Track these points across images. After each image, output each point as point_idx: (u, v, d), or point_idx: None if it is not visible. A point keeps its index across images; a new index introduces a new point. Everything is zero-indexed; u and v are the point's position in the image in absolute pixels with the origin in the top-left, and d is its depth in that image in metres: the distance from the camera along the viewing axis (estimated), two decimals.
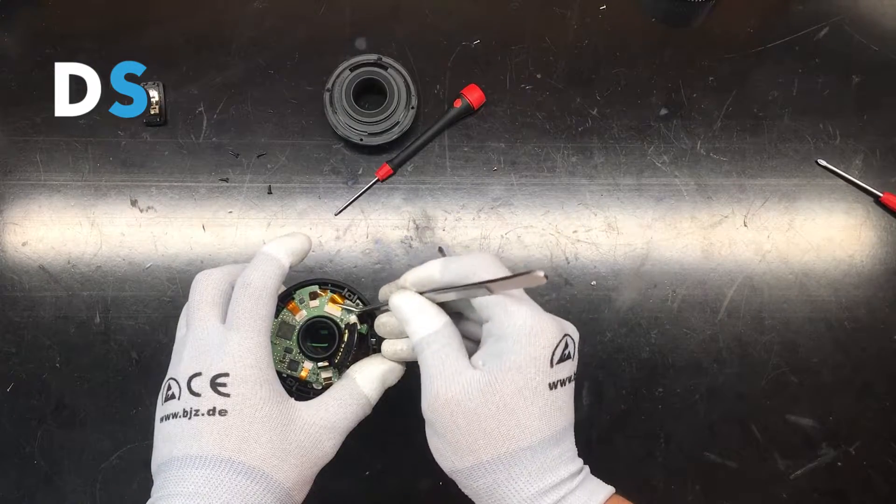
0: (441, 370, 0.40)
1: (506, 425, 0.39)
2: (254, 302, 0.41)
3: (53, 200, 0.65)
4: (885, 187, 0.65)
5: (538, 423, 0.39)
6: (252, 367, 0.40)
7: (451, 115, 0.65)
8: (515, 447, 0.39)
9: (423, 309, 0.42)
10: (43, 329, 0.63)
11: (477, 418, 0.39)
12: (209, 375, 0.40)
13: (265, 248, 0.44)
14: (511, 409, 0.39)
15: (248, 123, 0.66)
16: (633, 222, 0.65)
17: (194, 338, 0.41)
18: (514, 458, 0.39)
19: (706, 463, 0.62)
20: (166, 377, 0.42)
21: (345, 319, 0.49)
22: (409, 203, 0.65)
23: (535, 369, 0.39)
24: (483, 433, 0.39)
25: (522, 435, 0.39)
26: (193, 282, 0.44)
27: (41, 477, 0.61)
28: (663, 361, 0.63)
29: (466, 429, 0.39)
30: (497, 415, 0.39)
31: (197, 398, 0.39)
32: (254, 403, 0.39)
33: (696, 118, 0.66)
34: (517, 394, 0.39)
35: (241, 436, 0.39)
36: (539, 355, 0.39)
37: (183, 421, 0.39)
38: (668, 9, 0.68)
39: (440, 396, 0.40)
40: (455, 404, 0.39)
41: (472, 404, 0.39)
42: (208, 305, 0.43)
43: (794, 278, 0.64)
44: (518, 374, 0.39)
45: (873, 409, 0.62)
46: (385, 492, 0.61)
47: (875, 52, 0.67)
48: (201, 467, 0.38)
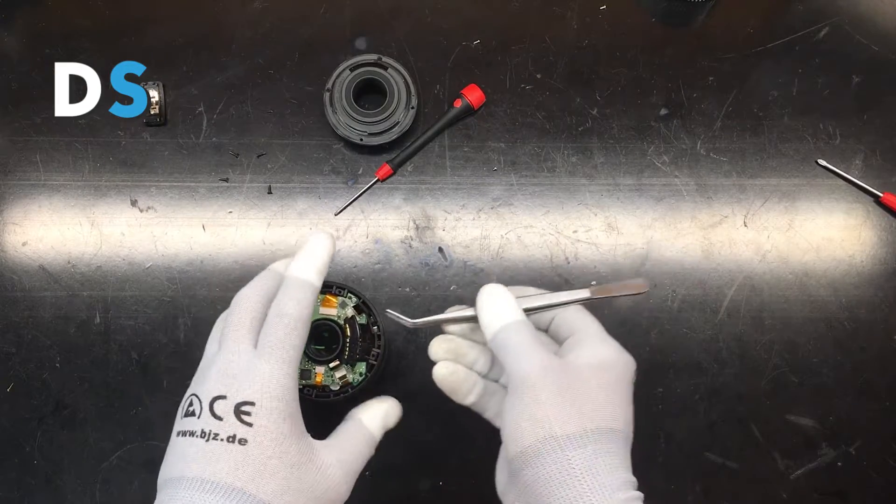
0: (542, 346, 0.42)
1: (613, 402, 0.40)
2: (288, 332, 0.41)
3: (53, 200, 0.65)
4: (885, 187, 0.65)
5: (628, 417, 0.41)
6: (279, 399, 0.39)
7: (451, 115, 0.65)
8: (615, 426, 0.40)
9: (514, 301, 0.44)
10: (43, 329, 0.63)
11: (588, 387, 0.40)
12: (234, 401, 0.39)
13: (296, 272, 0.43)
14: (615, 389, 0.41)
15: (248, 123, 0.66)
16: (633, 222, 0.65)
17: (224, 359, 0.41)
18: (614, 436, 0.40)
19: (706, 463, 0.62)
20: (189, 391, 0.41)
21: (342, 315, 0.49)
22: (409, 203, 0.65)
23: (628, 370, 0.43)
24: (593, 402, 0.40)
25: (623, 418, 0.41)
26: (233, 301, 0.43)
27: (41, 477, 0.61)
28: (663, 361, 0.63)
29: (577, 394, 0.40)
30: (606, 389, 0.41)
31: (218, 422, 0.39)
32: (275, 437, 0.39)
33: (696, 118, 0.66)
34: (620, 380, 0.42)
35: (257, 468, 0.38)
36: (630, 363, 0.43)
37: (200, 441, 0.39)
38: (668, 9, 0.68)
39: (553, 362, 0.41)
40: (568, 371, 0.40)
41: (585, 374, 0.41)
42: (244, 329, 0.42)
43: (794, 278, 0.64)
44: (619, 363, 0.42)
45: (873, 409, 0.62)
46: (385, 492, 0.61)
47: (875, 52, 0.67)
48: (212, 493, 0.37)
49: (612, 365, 0.42)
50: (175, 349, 0.62)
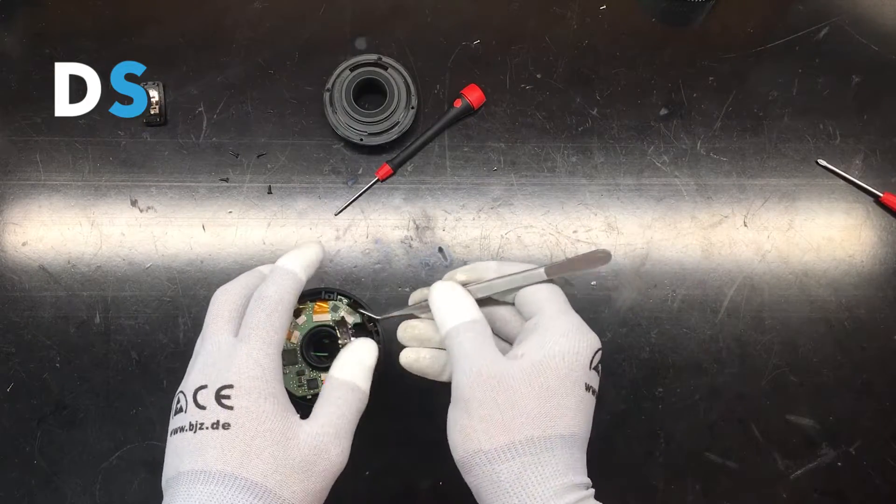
0: (482, 352, 0.41)
1: (546, 408, 0.39)
2: (267, 314, 0.41)
3: (53, 200, 0.65)
4: (885, 187, 0.65)
5: (573, 417, 0.40)
6: (257, 378, 0.39)
7: (451, 115, 0.65)
8: (552, 433, 0.39)
9: (465, 299, 0.44)
10: (43, 329, 0.63)
11: (518, 397, 0.39)
12: (215, 387, 0.39)
13: (281, 262, 0.44)
14: (553, 392, 0.39)
15: (248, 123, 0.66)
16: (633, 222, 0.65)
17: (205, 352, 0.41)
18: (547, 444, 0.39)
19: (706, 463, 0.62)
20: (177, 390, 0.42)
21: (335, 318, 0.50)
22: (409, 203, 0.65)
23: (578, 363, 0.40)
24: (522, 412, 0.39)
25: (560, 422, 0.39)
26: (214, 296, 0.44)
27: (41, 477, 0.61)
28: (663, 361, 0.63)
29: (505, 406, 0.39)
30: (538, 396, 0.39)
31: (202, 411, 0.39)
32: (257, 416, 0.39)
33: (696, 118, 0.66)
34: (560, 380, 0.40)
35: (243, 450, 0.38)
36: (583, 352, 0.41)
37: (189, 435, 0.39)
38: (668, 9, 0.68)
39: (483, 373, 0.40)
40: (497, 381, 0.40)
41: (515, 383, 0.40)
42: (223, 320, 0.42)
43: (794, 278, 0.64)
44: (563, 361, 0.40)
45: (873, 409, 0.62)
46: (385, 492, 0.61)
47: (875, 52, 0.67)
48: (205, 483, 0.37)
49: (557, 362, 0.40)
50: (175, 349, 0.62)
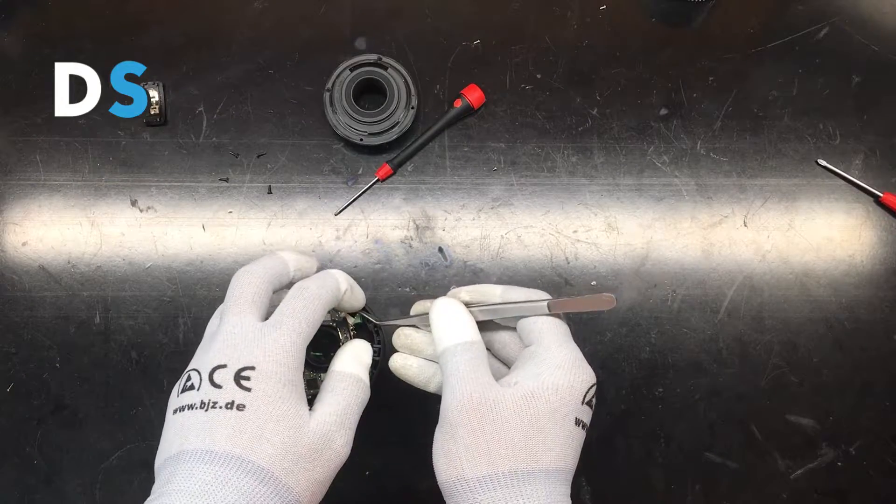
0: (475, 376, 0.41)
1: (532, 441, 0.39)
2: (304, 304, 0.41)
3: (53, 200, 0.65)
4: (885, 187, 0.65)
5: (560, 451, 0.39)
6: (281, 364, 0.39)
7: (451, 115, 0.65)
8: (535, 466, 0.38)
9: (466, 319, 0.43)
10: (43, 329, 0.63)
11: (505, 427, 0.39)
12: (235, 368, 0.38)
13: (330, 270, 0.45)
14: (541, 427, 0.39)
15: (248, 123, 0.66)
16: (633, 222, 0.65)
17: (226, 332, 0.40)
18: (530, 477, 0.38)
19: (706, 463, 0.62)
20: (187, 368, 0.41)
21: (336, 319, 0.50)
22: (409, 203, 0.65)
23: (570, 397, 0.40)
24: (507, 444, 0.39)
25: (546, 456, 0.39)
26: (234, 278, 0.43)
27: (41, 477, 0.61)
28: (663, 361, 0.63)
29: (491, 436, 0.39)
30: (526, 429, 0.39)
31: (217, 390, 0.38)
32: (273, 401, 0.38)
33: (696, 118, 0.66)
34: (550, 414, 0.39)
35: (254, 433, 0.37)
36: (577, 386, 0.40)
37: (199, 413, 0.38)
38: (668, 9, 0.68)
39: (473, 398, 0.39)
40: (486, 409, 0.39)
41: (504, 413, 0.39)
42: (246, 302, 0.42)
43: (794, 278, 0.64)
44: (555, 394, 0.40)
45: (873, 409, 0.62)
46: (385, 492, 0.61)
47: (875, 52, 0.67)
48: (210, 463, 0.36)
49: (549, 395, 0.40)
50: (175, 349, 0.62)
